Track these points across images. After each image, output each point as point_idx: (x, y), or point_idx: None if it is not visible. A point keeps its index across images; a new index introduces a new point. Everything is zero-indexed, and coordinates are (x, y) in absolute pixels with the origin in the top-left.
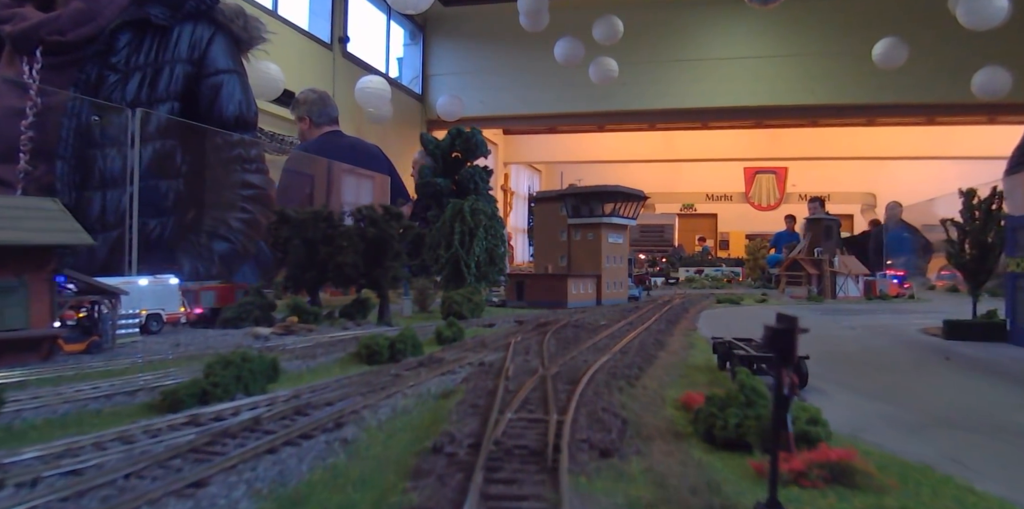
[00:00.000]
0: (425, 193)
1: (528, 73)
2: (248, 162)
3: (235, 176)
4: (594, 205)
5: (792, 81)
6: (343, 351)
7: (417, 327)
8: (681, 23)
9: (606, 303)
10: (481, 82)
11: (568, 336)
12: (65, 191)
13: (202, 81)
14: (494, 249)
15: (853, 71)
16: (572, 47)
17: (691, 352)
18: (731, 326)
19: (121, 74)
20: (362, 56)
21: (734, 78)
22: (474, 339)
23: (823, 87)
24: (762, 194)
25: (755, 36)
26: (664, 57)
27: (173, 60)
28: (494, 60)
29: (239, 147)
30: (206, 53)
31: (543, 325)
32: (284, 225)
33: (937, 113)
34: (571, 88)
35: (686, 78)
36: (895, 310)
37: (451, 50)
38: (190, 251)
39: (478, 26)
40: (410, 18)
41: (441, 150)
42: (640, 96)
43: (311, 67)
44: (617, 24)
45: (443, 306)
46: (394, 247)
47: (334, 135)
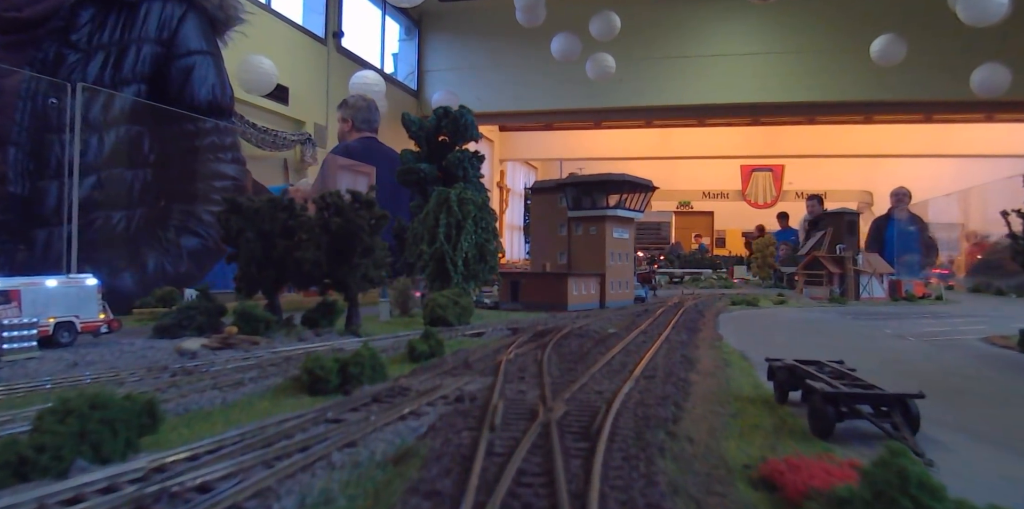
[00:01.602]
0: (407, 181)
1: (524, 69)
2: (222, 151)
3: (208, 166)
4: (597, 196)
5: (790, 78)
6: (283, 375)
7: (389, 339)
8: (678, 19)
9: (611, 305)
10: (477, 78)
11: (573, 350)
12: (17, 180)
13: (172, 63)
14: (485, 244)
15: (851, 68)
16: (569, 43)
17: (729, 373)
18: (761, 334)
19: (82, 53)
20: (357, 51)
21: (731, 75)
22: (456, 354)
23: (821, 84)
24: (758, 192)
25: (753, 33)
26: (661, 53)
27: (140, 39)
28: (490, 56)
29: (212, 134)
30: (177, 32)
31: (542, 334)
32: (234, 215)
33: (935, 110)
34: (568, 84)
35: (683, 75)
36: (934, 314)
37: (447, 46)
38: (156, 247)
39: (474, 22)
40: (405, 13)
41: (425, 132)
42: (637, 93)
43: (305, 62)
44: (614, 20)
45: (425, 310)
46: (364, 241)
47: (372, 141)
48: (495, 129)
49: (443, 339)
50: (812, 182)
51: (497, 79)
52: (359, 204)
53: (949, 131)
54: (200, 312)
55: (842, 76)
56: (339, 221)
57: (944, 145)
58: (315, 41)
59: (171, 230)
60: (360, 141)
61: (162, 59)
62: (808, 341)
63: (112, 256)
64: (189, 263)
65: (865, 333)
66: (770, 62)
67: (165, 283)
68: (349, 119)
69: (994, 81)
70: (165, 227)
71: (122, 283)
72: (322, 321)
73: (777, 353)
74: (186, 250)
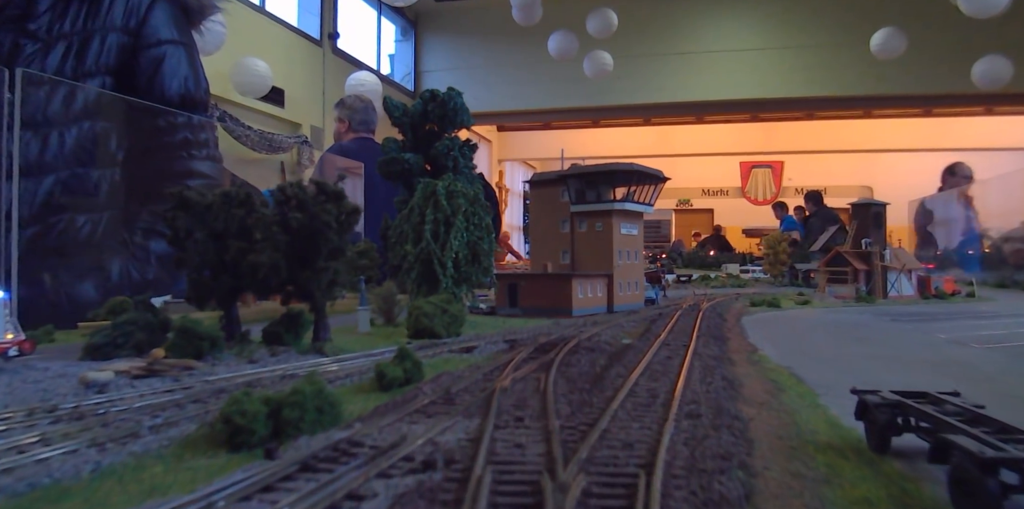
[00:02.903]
0: (390, 173)
1: (522, 68)
2: (197, 147)
3: (181, 163)
4: (603, 189)
5: (788, 73)
6: (204, 417)
7: (362, 358)
8: (676, 16)
9: (619, 309)
10: (474, 78)
11: (583, 370)
12: None
13: (140, 53)
14: (478, 243)
15: (851, 62)
16: (566, 41)
17: (787, 402)
18: (799, 343)
19: (41, 43)
20: (353, 53)
21: (730, 71)
22: (438, 381)
23: (820, 79)
24: (758, 188)
25: (751, 28)
26: (659, 50)
27: (105, 28)
28: (487, 55)
29: (185, 130)
30: (145, 21)
31: (544, 348)
32: (182, 212)
33: (935, 104)
34: (565, 83)
35: (681, 71)
36: (977, 314)
37: (443, 46)
38: (122, 251)
39: (470, 21)
40: (401, 14)
41: (410, 118)
42: (635, 90)
43: (300, 64)
44: (611, 17)
45: (409, 320)
46: (330, 240)
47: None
48: (493, 129)
49: (420, 360)
50: (811, 178)
51: (494, 79)
52: (325, 196)
53: (949, 125)
54: (139, 327)
55: (841, 71)
56: (301, 217)
57: (944, 139)
58: (310, 43)
59: (139, 233)
60: (356, 141)
61: (130, 49)
62: (858, 351)
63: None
64: (159, 269)
65: (918, 339)
66: (769, 58)
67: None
68: (346, 119)
69: (995, 73)
70: (133, 230)
71: (83, 292)
72: (286, 336)
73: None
74: (155, 255)
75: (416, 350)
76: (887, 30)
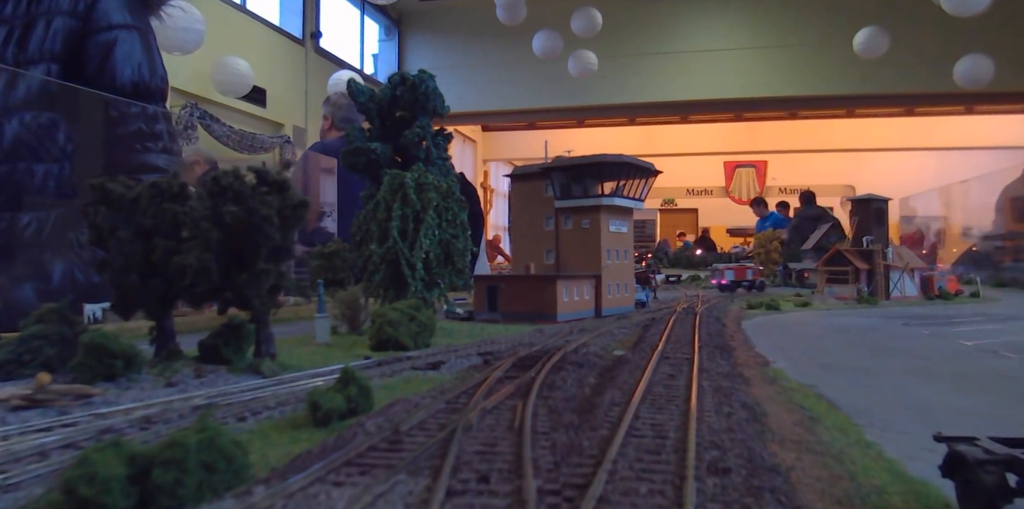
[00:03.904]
0: (355, 164)
1: (506, 68)
2: (151, 139)
3: (134, 157)
4: (590, 183)
5: (772, 73)
6: (57, 474)
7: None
8: (660, 15)
9: (608, 313)
10: (458, 77)
11: (570, 397)
12: None
13: (90, 38)
14: (451, 242)
15: (834, 62)
16: (551, 40)
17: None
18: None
19: None
20: (336, 52)
21: (714, 70)
22: (386, 413)
23: (803, 78)
24: (742, 188)
25: (735, 28)
26: (644, 50)
27: (51, 11)
28: (471, 55)
29: (139, 121)
30: (95, 4)
31: (524, 364)
32: (105, 207)
33: (917, 103)
34: (550, 82)
35: (666, 71)
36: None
37: (427, 45)
38: (68, 253)
39: (454, 20)
40: (385, 13)
41: (377, 104)
42: (620, 90)
43: (282, 63)
44: (596, 16)
45: (372, 329)
46: (271, 237)
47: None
48: (478, 129)
49: (369, 385)
50: (795, 177)
51: (479, 78)
52: (267, 186)
53: (930, 124)
54: (50, 342)
55: (825, 70)
56: (236, 211)
57: (925, 138)
58: (293, 42)
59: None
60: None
61: (78, 34)
62: (882, 363)
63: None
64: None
65: (942, 347)
66: (753, 57)
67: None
68: (329, 116)
69: (977, 72)
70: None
71: (23, 296)
72: (225, 350)
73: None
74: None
75: (373, 367)
76: (870, 29)
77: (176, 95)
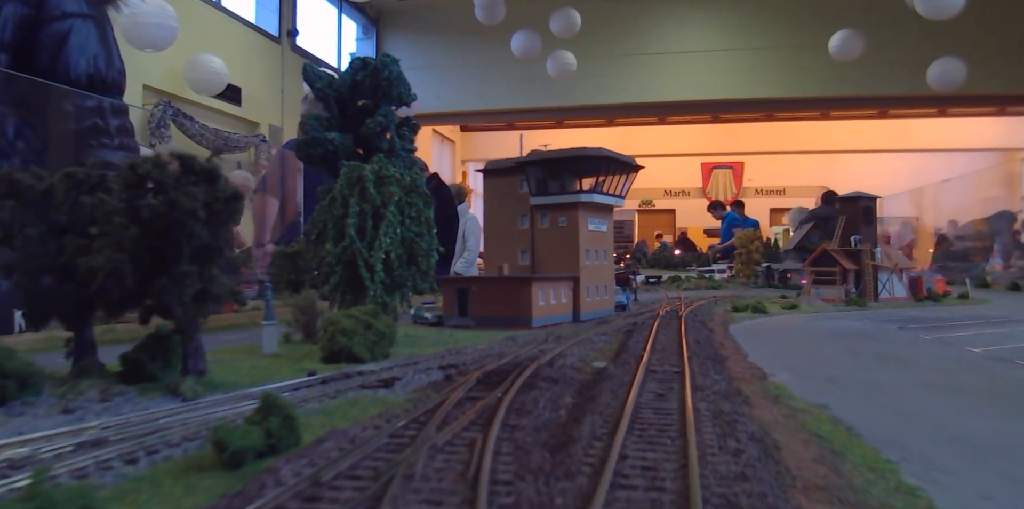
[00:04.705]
0: (310, 156)
1: (485, 68)
2: (107, 135)
3: (89, 153)
4: (567, 179)
5: (749, 74)
6: None
7: (236, 400)
8: (639, 16)
9: (587, 317)
10: (437, 77)
11: (542, 426)
12: None
13: (43, 27)
14: (415, 241)
15: (810, 64)
16: (529, 40)
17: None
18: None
19: None
20: (313, 51)
21: (692, 72)
22: (312, 453)
23: (780, 80)
24: (719, 189)
25: (713, 29)
26: (622, 51)
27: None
28: (450, 54)
29: (95, 115)
30: None
31: (491, 379)
32: (12, 200)
33: (892, 105)
34: (529, 83)
35: (644, 72)
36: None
37: (405, 44)
38: None
39: (433, 20)
40: (363, 12)
41: (336, 91)
42: (598, 90)
43: (258, 61)
44: (574, 17)
45: (323, 339)
46: (197, 235)
47: None
48: (456, 129)
49: (295, 414)
50: (771, 178)
51: (457, 78)
52: (194, 175)
53: (903, 127)
54: None
55: (801, 72)
56: (154, 204)
57: (899, 140)
58: (269, 40)
59: None
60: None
61: (30, 23)
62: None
63: None
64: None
65: (949, 356)
66: (730, 59)
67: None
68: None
69: (950, 75)
70: None
71: None
72: (151, 365)
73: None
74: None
75: (316, 384)
76: (845, 32)
77: (149, 93)
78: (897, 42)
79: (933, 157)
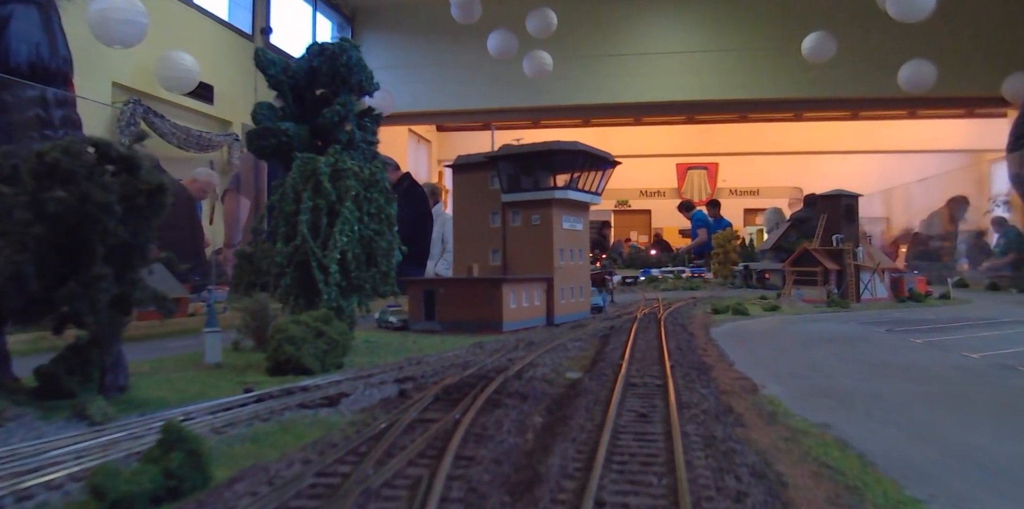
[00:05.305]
0: (262, 148)
1: (461, 67)
2: (51, 127)
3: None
4: (541, 174)
5: (724, 75)
6: None
7: (151, 424)
8: (615, 17)
9: (562, 320)
10: (413, 77)
11: (503, 455)
12: None
13: None
14: (374, 239)
15: (783, 65)
16: (505, 40)
17: None
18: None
19: None
20: (287, 49)
21: (668, 73)
22: (215, 502)
23: (754, 81)
24: (694, 190)
25: (688, 31)
26: (598, 52)
27: None
28: (426, 54)
29: (36, 106)
30: None
31: (450, 396)
32: None
33: (863, 107)
34: (505, 83)
35: (620, 73)
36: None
37: (381, 43)
38: None
39: (409, 18)
40: (338, 10)
41: (291, 78)
42: (574, 91)
43: (230, 59)
44: (551, 17)
45: (269, 348)
46: (112, 233)
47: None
48: (432, 129)
49: (204, 448)
50: (745, 179)
51: (433, 77)
52: (112, 164)
53: (874, 128)
54: None
55: (774, 73)
56: (63, 197)
57: (870, 142)
58: (242, 38)
59: None
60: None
61: None
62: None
63: None
64: None
65: (948, 363)
66: (705, 60)
67: None
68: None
69: (920, 76)
70: None
71: None
72: (67, 380)
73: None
74: None
75: (251, 403)
76: (817, 34)
77: (119, 91)
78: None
79: (904, 158)
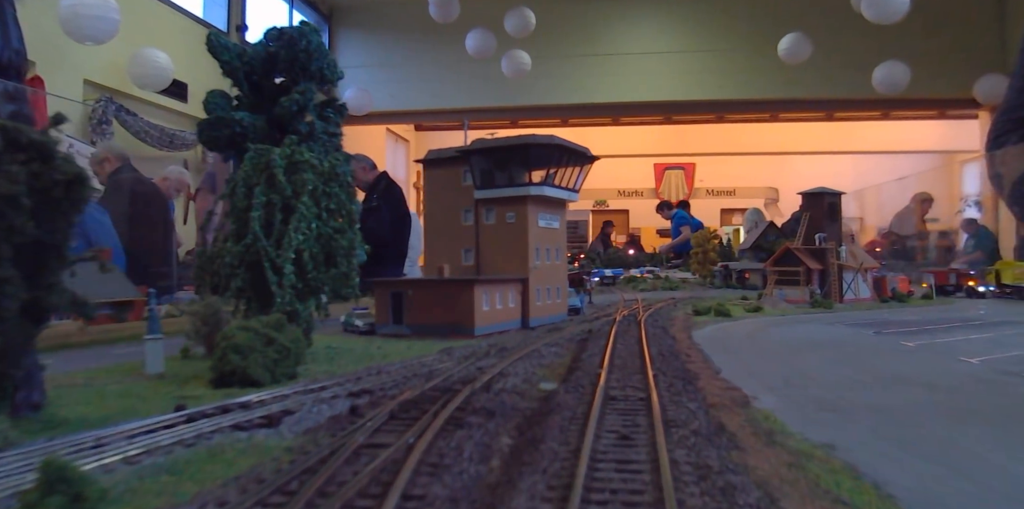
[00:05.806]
0: (214, 140)
1: (439, 66)
2: None
3: None
4: (516, 170)
5: (701, 76)
6: None
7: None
8: (594, 17)
9: (537, 323)
10: (390, 75)
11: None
12: None
13: None
14: (333, 238)
15: (760, 66)
16: (484, 39)
17: None
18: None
19: None
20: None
21: (645, 73)
22: None
23: (731, 82)
24: (671, 190)
25: (666, 31)
26: (577, 52)
27: None
28: (404, 52)
29: None
30: None
31: (407, 413)
32: None
33: (838, 108)
34: (484, 82)
35: (598, 73)
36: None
37: (358, 41)
38: None
39: (387, 17)
40: (315, 7)
41: (247, 64)
42: (553, 91)
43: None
44: (529, 16)
45: (214, 358)
46: (19, 229)
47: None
48: (411, 128)
49: (94, 489)
50: (722, 179)
51: (411, 76)
52: (21, 151)
53: (849, 129)
54: None
55: (751, 74)
56: None
57: (844, 143)
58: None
59: None
60: None
61: None
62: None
63: None
64: None
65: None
66: (683, 60)
67: None
68: None
69: (894, 78)
70: None
71: None
72: None
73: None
74: None
75: (180, 423)
76: (793, 35)
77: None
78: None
79: (878, 159)
